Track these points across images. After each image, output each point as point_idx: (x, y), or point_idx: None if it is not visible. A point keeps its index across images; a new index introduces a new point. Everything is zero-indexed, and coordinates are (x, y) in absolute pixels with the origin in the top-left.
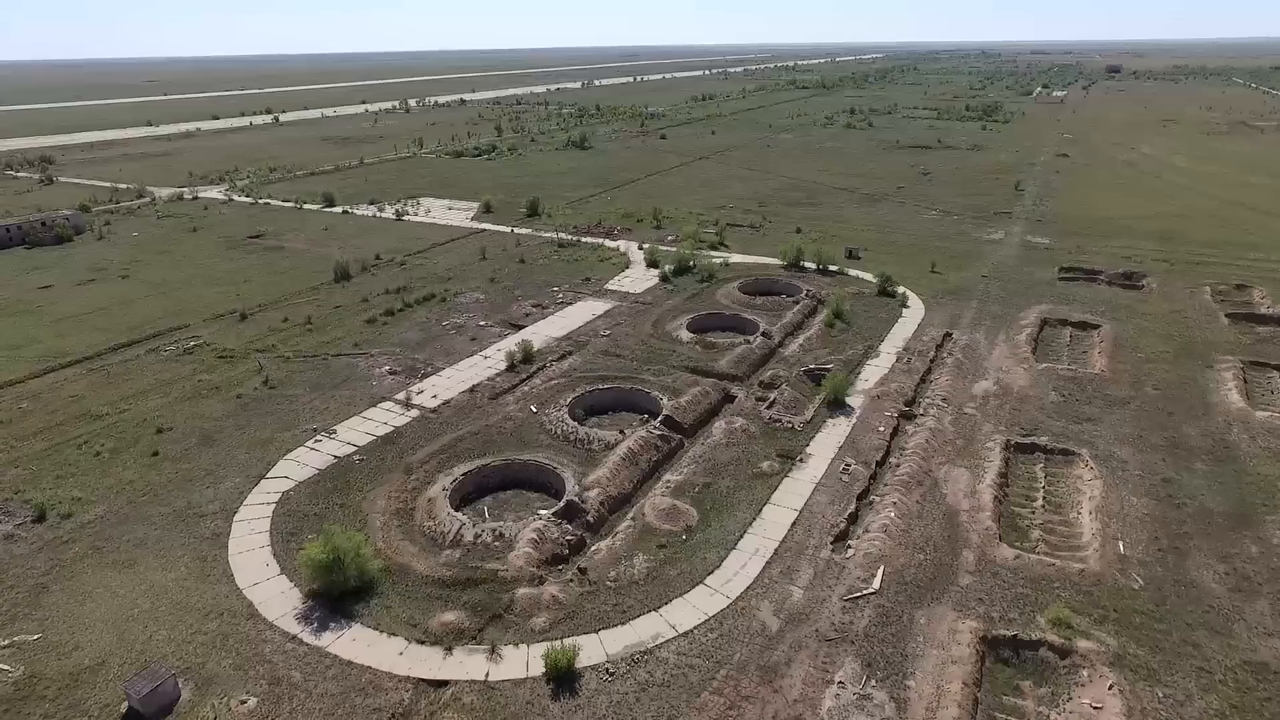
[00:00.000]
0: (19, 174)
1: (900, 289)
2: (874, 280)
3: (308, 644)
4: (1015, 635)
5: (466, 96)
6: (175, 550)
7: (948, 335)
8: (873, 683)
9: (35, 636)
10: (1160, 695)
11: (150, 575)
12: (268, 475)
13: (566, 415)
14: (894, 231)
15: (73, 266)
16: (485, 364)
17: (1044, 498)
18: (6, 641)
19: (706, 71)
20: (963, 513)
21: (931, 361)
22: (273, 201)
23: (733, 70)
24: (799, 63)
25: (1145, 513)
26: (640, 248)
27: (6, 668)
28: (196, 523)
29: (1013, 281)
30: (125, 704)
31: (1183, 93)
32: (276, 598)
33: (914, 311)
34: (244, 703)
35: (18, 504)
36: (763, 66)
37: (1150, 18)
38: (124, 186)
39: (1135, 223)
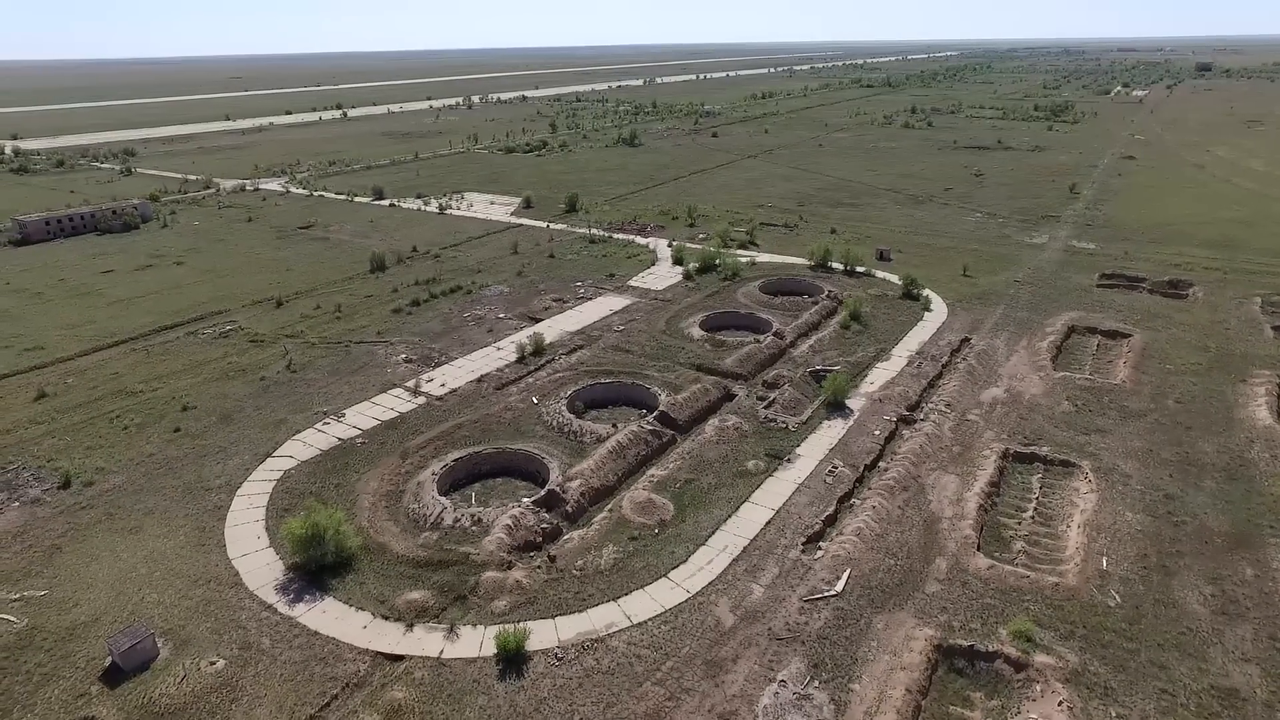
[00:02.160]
0: (103, 165)
1: (925, 292)
2: (899, 282)
3: (281, 613)
4: (972, 646)
5: (528, 93)
6: (178, 520)
7: (965, 340)
8: (815, 683)
9: (42, 593)
10: (1114, 715)
11: (152, 542)
12: (274, 454)
13: (564, 408)
14: (932, 234)
15: (135, 252)
16: (497, 355)
17: (1035, 509)
18: (17, 595)
19: (772, 70)
20: (944, 520)
21: (943, 366)
22: (327, 194)
23: (799, 68)
24: (868, 61)
25: (1139, 529)
26: (669, 245)
27: (12, 619)
28: (202, 495)
29: (1047, 287)
30: (109, 659)
31: (1277, 92)
32: (261, 569)
33: (936, 315)
34: (213, 664)
35: (49, 471)
36: (829, 65)
37: (1255, 10)
38: (193, 178)
39: (1193, 229)
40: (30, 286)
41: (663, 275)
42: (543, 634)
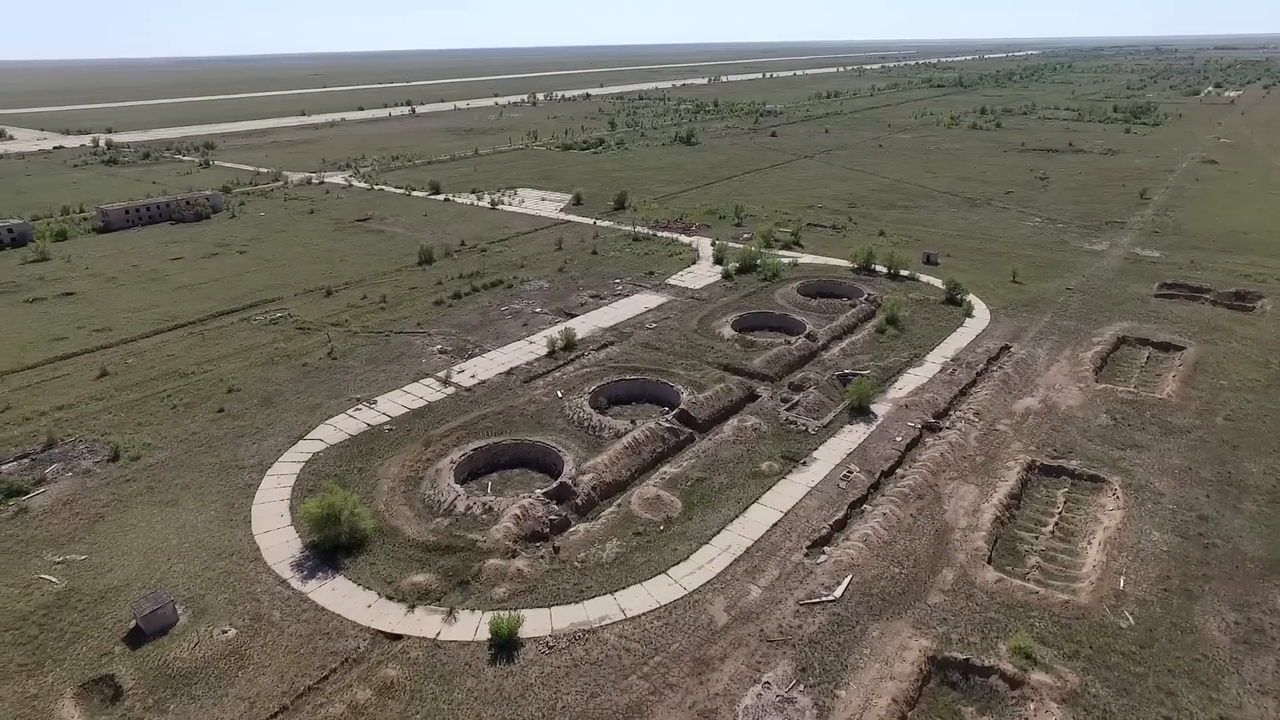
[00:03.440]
0: (184, 158)
1: (969, 297)
2: (943, 287)
3: (294, 589)
4: (967, 659)
5: (592, 91)
6: (211, 496)
7: (1005, 348)
8: (801, 687)
9: (83, 557)
10: None
11: (185, 515)
12: (306, 437)
13: (586, 402)
14: (985, 238)
15: (203, 241)
16: (529, 349)
17: (1056, 524)
18: (60, 559)
19: (841, 69)
20: (957, 531)
21: (978, 374)
22: (387, 188)
23: (869, 67)
24: (941, 60)
25: (1164, 550)
26: (712, 244)
27: (54, 580)
28: (236, 474)
29: (1100, 295)
30: (133, 622)
31: None
32: (280, 546)
33: (977, 321)
34: (225, 633)
35: (101, 445)
36: (901, 64)
37: None
38: (264, 171)
39: (1271, 238)
40: (106, 271)
41: (702, 274)
42: (537, 622)
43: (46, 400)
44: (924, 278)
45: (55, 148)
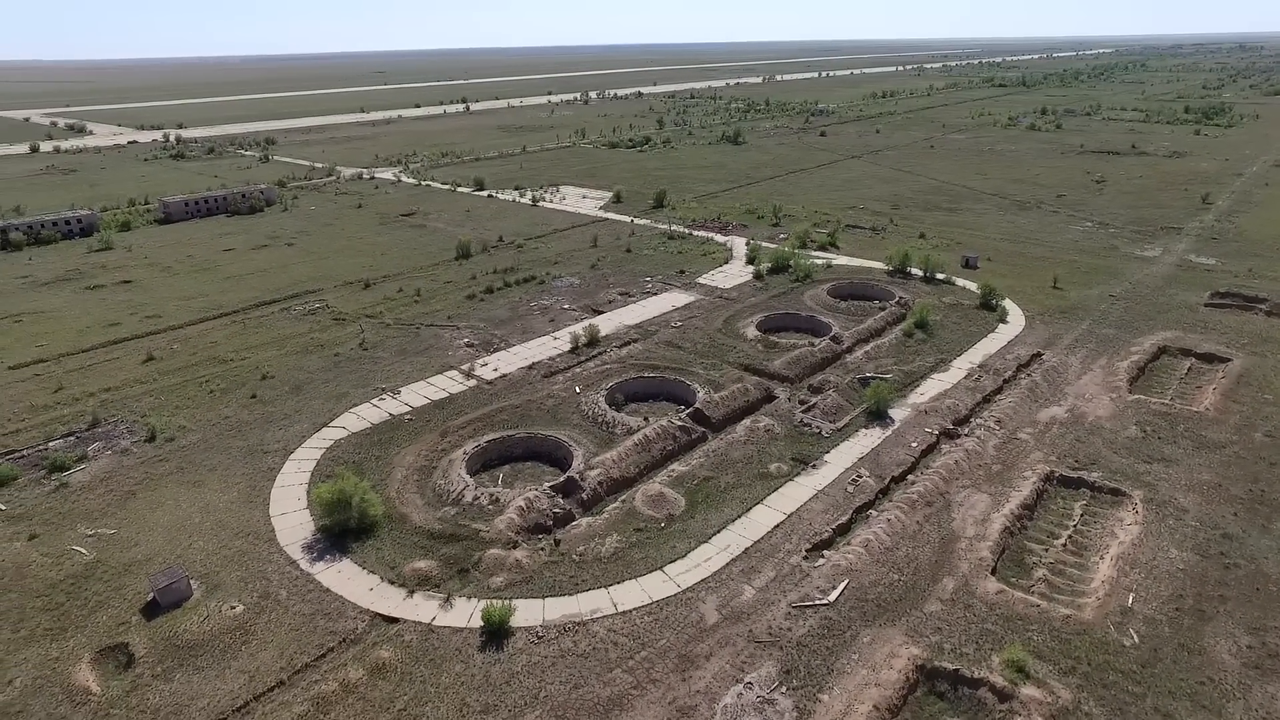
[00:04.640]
0: (245, 152)
1: (1004, 303)
2: (979, 291)
3: (302, 569)
4: (956, 670)
5: (644, 89)
6: (235, 477)
7: (1037, 355)
8: (783, 689)
9: (112, 531)
10: None
11: (210, 496)
12: (330, 424)
13: (602, 399)
14: (1030, 242)
15: (255, 233)
16: (553, 344)
17: (1069, 537)
18: (92, 532)
19: (900, 68)
20: (963, 540)
21: (1005, 381)
22: (434, 184)
23: (929, 66)
24: (1006, 59)
25: (1181, 568)
26: (747, 244)
27: (84, 551)
28: (261, 457)
29: (1145, 303)
30: (151, 594)
31: None
32: (294, 528)
33: (1011, 327)
34: (233, 608)
35: (141, 425)
36: (963, 63)
37: None
38: (318, 166)
39: None
40: (162, 261)
41: (733, 274)
42: (529, 612)
43: (96, 382)
44: (960, 282)
45: (129, 142)
